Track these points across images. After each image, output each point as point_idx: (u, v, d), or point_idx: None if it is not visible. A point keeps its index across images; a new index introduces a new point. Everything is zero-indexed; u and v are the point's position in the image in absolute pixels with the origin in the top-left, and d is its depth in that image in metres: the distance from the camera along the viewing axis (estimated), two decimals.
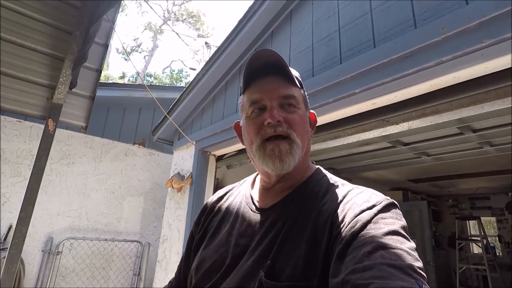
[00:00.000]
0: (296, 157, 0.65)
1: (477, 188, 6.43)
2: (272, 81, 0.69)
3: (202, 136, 2.99)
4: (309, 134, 0.73)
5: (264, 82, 0.69)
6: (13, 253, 1.77)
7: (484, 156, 3.42)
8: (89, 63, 2.14)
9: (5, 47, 1.88)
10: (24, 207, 1.82)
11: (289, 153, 0.63)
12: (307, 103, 0.75)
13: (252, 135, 0.68)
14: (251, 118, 0.69)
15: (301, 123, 0.68)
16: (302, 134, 0.68)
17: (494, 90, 1.33)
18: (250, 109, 0.69)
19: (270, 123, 0.64)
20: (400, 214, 0.58)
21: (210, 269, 0.67)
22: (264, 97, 0.67)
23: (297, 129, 0.66)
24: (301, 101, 0.71)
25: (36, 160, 1.90)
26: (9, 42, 1.87)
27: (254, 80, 0.70)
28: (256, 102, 0.68)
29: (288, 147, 0.64)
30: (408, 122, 1.73)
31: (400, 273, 0.42)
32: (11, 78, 1.98)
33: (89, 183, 3.70)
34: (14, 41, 1.88)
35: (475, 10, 1.18)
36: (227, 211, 0.78)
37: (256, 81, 0.70)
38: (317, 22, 2.02)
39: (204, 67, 2.91)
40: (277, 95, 0.67)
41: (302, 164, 0.71)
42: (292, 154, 0.64)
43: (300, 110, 0.70)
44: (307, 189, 0.68)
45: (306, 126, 0.71)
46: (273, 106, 0.66)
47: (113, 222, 3.81)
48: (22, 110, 2.12)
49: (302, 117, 0.70)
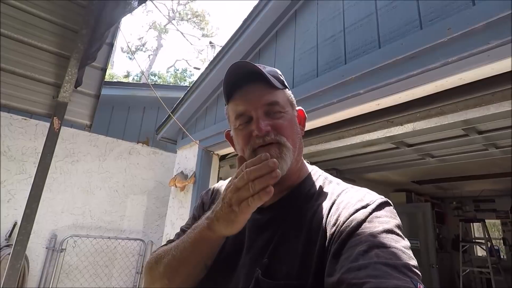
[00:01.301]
0: (287, 161, 0.64)
1: (481, 190, 6.37)
2: (254, 89, 0.68)
3: (205, 136, 3.00)
4: (300, 133, 0.73)
5: (246, 92, 0.68)
6: (18, 249, 1.78)
7: (489, 158, 3.38)
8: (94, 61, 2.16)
9: (11, 45, 1.89)
10: (29, 204, 1.84)
11: (279, 157, 0.63)
12: (293, 103, 0.74)
13: (242, 146, 0.68)
14: (239, 130, 0.69)
15: (290, 126, 0.68)
16: (292, 136, 0.68)
17: (500, 92, 1.32)
18: (237, 122, 0.69)
19: (258, 135, 0.64)
20: (394, 212, 0.58)
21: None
22: (248, 108, 0.67)
23: (286, 133, 0.66)
24: (286, 103, 0.70)
25: (41, 157, 1.91)
26: (15, 40, 1.89)
27: (235, 90, 0.69)
28: (241, 114, 0.68)
29: (278, 151, 0.64)
30: (413, 123, 1.72)
31: (395, 272, 0.42)
32: (17, 76, 2.00)
33: (93, 181, 3.73)
34: (21, 39, 1.90)
35: (482, 11, 1.17)
36: None
37: (237, 91, 0.69)
38: (322, 22, 2.02)
39: (208, 67, 2.92)
40: (261, 104, 0.66)
41: (296, 164, 0.71)
42: (283, 158, 0.63)
43: (287, 113, 0.69)
44: (303, 190, 0.69)
45: (295, 127, 0.70)
46: (259, 117, 0.66)
47: (117, 220, 3.83)
48: (27, 108, 2.14)
49: (290, 120, 0.69)
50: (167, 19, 17.35)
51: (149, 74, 17.24)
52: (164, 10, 17.51)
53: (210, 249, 0.63)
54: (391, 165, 3.99)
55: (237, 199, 0.51)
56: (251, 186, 0.50)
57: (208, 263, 0.65)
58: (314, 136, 2.16)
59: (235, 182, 0.53)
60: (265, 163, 0.50)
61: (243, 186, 0.51)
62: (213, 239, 0.60)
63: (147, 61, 17.76)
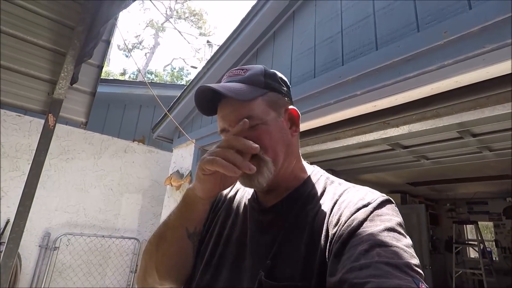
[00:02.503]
0: (265, 174, 0.62)
1: (475, 192, 6.44)
2: (226, 105, 0.66)
3: (202, 135, 2.99)
4: (288, 137, 0.69)
5: (221, 108, 0.68)
6: (11, 247, 1.76)
7: (483, 161, 3.42)
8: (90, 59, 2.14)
9: (6, 41, 1.87)
10: (22, 201, 1.82)
11: (258, 171, 0.60)
12: (276, 104, 0.68)
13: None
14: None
15: (269, 137, 0.64)
16: (275, 146, 0.65)
17: (495, 95, 1.33)
18: (223, 136, 0.69)
19: None
20: (396, 210, 0.58)
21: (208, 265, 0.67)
22: (225, 125, 0.67)
23: (264, 145, 0.62)
24: (265, 110, 0.66)
25: (36, 155, 1.89)
26: (10, 36, 1.87)
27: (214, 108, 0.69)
28: (223, 130, 0.68)
29: (256, 166, 0.60)
30: (409, 125, 1.73)
31: (397, 271, 0.42)
32: (12, 72, 1.98)
33: (87, 179, 3.70)
34: (16, 35, 1.88)
35: (478, 15, 1.19)
36: (232, 204, 0.78)
37: (218, 106, 0.69)
38: (320, 23, 2.02)
39: (205, 66, 2.91)
40: (234, 120, 0.64)
41: (288, 168, 0.69)
42: (260, 172, 0.62)
43: (265, 123, 0.65)
44: (305, 190, 0.69)
45: (277, 134, 0.66)
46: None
47: (111, 219, 3.80)
48: (22, 105, 2.12)
49: (268, 129, 0.65)
50: (164, 17, 17.28)
51: (146, 72, 17.15)
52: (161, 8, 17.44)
53: (191, 211, 0.67)
54: (386, 166, 4.01)
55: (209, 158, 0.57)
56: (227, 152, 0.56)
57: (190, 229, 0.68)
58: (310, 136, 2.17)
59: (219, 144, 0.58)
60: (250, 144, 0.56)
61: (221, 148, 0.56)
62: (193, 200, 0.65)
63: (143, 59, 17.68)
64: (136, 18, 45.57)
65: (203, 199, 0.65)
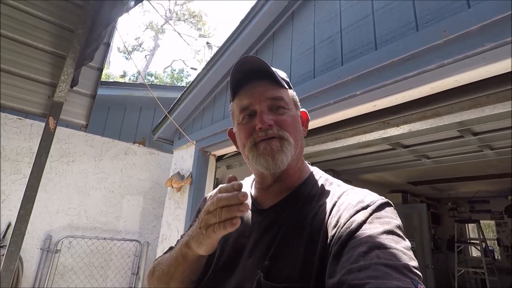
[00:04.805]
0: (288, 154, 0.65)
1: (476, 191, 6.43)
2: (259, 85, 0.70)
3: (202, 136, 2.99)
4: (302, 133, 0.74)
5: (252, 87, 0.70)
6: (12, 250, 1.77)
7: (484, 160, 3.42)
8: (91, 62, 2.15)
9: (6, 44, 1.88)
10: (23, 204, 1.82)
11: (280, 150, 0.64)
12: (297, 103, 0.76)
13: (244, 140, 0.69)
14: (242, 125, 0.70)
15: (293, 124, 0.69)
16: (295, 133, 0.69)
17: (495, 94, 1.33)
18: (241, 115, 0.70)
19: (261, 128, 0.65)
20: (395, 213, 0.58)
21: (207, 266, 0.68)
22: (253, 102, 0.68)
23: (288, 129, 0.67)
24: (291, 101, 0.72)
25: (36, 158, 1.90)
26: (10, 39, 1.87)
27: (242, 86, 0.71)
28: (245, 108, 0.69)
29: (279, 145, 0.64)
30: (409, 125, 1.73)
31: (396, 273, 0.42)
32: (12, 75, 1.98)
33: (88, 182, 3.70)
34: (17, 38, 1.88)
35: (477, 13, 1.19)
36: None
37: (243, 87, 0.71)
38: (319, 24, 2.02)
39: (205, 67, 2.92)
40: (265, 98, 0.68)
41: (297, 163, 0.72)
42: (284, 151, 0.64)
43: (290, 110, 0.70)
44: (304, 191, 0.69)
45: (297, 126, 0.72)
46: (263, 111, 0.67)
47: (112, 221, 3.80)
48: (23, 108, 2.12)
49: (293, 117, 0.70)
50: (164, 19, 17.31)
51: (146, 74, 17.17)
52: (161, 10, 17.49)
53: (190, 266, 0.64)
54: (387, 166, 4.01)
55: (205, 223, 0.53)
56: (218, 213, 0.51)
57: (193, 278, 0.67)
58: (310, 137, 2.17)
59: (207, 205, 0.54)
60: (235, 194, 0.51)
61: (213, 211, 0.52)
62: (191, 257, 0.61)
63: (143, 61, 17.71)
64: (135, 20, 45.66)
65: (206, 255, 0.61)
